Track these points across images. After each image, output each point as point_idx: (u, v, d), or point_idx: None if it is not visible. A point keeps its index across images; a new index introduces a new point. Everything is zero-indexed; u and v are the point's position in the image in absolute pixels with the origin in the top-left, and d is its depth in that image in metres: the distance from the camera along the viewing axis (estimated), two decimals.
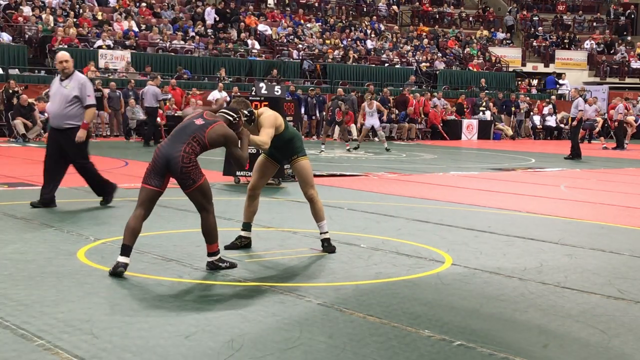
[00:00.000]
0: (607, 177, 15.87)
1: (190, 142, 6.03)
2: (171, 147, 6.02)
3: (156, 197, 6.10)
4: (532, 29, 43.22)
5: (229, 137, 6.20)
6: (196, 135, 6.07)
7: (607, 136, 28.76)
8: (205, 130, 6.10)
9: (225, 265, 6.22)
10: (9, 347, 4.24)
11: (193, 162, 6.01)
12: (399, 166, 16.91)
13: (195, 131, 6.09)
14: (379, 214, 9.47)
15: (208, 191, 6.13)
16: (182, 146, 6.00)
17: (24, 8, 27.76)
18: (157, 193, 6.09)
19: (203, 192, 6.09)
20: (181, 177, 6.00)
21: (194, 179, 6.01)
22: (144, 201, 6.08)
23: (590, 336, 4.73)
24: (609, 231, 8.79)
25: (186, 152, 5.98)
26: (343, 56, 32.47)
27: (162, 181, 6.05)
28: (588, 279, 6.28)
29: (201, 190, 6.07)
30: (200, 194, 6.08)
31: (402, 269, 6.49)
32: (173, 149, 6.00)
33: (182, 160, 5.95)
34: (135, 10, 30.51)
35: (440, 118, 29.26)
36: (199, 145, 6.08)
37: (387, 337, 4.61)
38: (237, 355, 4.21)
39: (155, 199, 6.11)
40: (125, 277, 5.91)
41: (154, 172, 6.04)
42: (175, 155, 5.96)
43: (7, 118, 21.74)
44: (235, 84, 27.43)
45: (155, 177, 6.04)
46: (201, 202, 6.12)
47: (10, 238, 7.33)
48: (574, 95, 23.71)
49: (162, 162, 6.00)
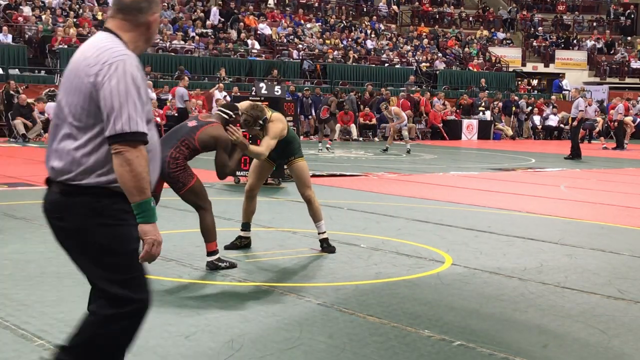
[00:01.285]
0: (607, 177, 15.87)
1: (179, 147, 6.02)
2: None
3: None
4: (532, 29, 43.23)
5: (219, 140, 6.10)
6: (185, 138, 6.06)
7: (607, 136, 28.76)
8: (196, 133, 6.09)
9: (225, 265, 6.23)
10: (9, 347, 4.24)
11: (180, 166, 6.00)
12: (399, 166, 16.91)
13: (185, 134, 6.09)
14: (379, 214, 9.47)
15: (201, 191, 6.12)
16: (169, 151, 6.00)
17: (24, 8, 27.76)
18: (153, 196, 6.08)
19: (195, 193, 6.10)
20: (170, 181, 6.03)
21: (183, 182, 6.02)
22: None
23: (590, 336, 4.73)
24: (609, 231, 8.79)
25: (172, 157, 5.97)
26: (343, 56, 32.47)
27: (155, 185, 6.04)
28: (588, 279, 6.28)
29: (193, 191, 6.08)
30: (193, 195, 6.09)
31: (402, 269, 6.49)
32: (161, 153, 5.99)
33: (168, 165, 5.95)
34: None
35: (440, 118, 29.26)
36: (188, 149, 6.06)
37: (387, 337, 4.61)
38: (237, 355, 4.21)
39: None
40: None
41: None
42: (162, 160, 5.95)
43: (7, 118, 21.73)
44: (235, 84, 27.41)
45: None
46: (195, 202, 6.13)
47: (10, 238, 7.33)
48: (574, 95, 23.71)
49: None
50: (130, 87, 2.88)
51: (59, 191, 2.95)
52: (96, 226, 2.92)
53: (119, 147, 2.85)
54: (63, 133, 2.95)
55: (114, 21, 3.08)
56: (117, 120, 2.84)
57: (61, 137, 2.96)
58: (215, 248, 6.21)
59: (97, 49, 2.95)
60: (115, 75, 2.86)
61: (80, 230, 2.93)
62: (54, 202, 2.98)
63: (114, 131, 2.84)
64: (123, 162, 2.85)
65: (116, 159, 2.86)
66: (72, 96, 2.94)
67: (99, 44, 2.97)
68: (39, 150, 18.10)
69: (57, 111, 3.03)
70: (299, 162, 7.07)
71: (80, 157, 2.91)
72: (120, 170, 2.86)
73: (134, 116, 2.86)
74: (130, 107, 2.86)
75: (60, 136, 2.96)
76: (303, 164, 7.09)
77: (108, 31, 3.06)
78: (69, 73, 3.00)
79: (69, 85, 2.97)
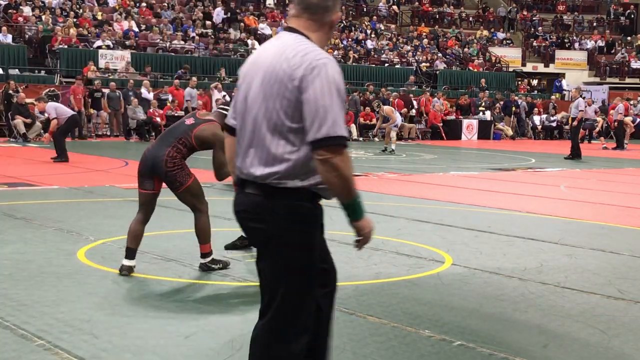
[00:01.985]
0: (607, 177, 15.87)
1: (176, 145, 5.99)
2: (156, 150, 6.00)
3: (153, 199, 6.10)
4: (532, 29, 43.23)
5: (216, 138, 6.00)
6: (182, 137, 6.03)
7: (607, 136, 28.77)
8: (193, 130, 6.06)
9: (218, 266, 6.21)
10: (9, 347, 4.24)
11: (178, 165, 5.97)
12: (399, 166, 16.90)
13: (182, 132, 6.06)
14: (379, 214, 9.47)
15: (198, 191, 6.10)
16: (166, 149, 5.96)
17: (24, 8, 27.76)
18: (153, 195, 6.08)
19: (192, 193, 6.07)
20: (167, 180, 6.00)
21: (180, 182, 5.99)
22: (142, 205, 6.10)
23: (590, 336, 4.73)
24: (609, 231, 8.79)
25: (169, 156, 5.94)
26: (343, 56, 32.47)
27: (153, 184, 6.04)
28: (588, 279, 6.28)
29: (190, 191, 6.05)
30: (190, 194, 6.07)
31: (402, 269, 6.49)
32: (158, 152, 5.98)
33: (165, 164, 5.92)
34: (135, 10, 30.52)
35: (440, 118, 29.26)
36: (185, 147, 6.02)
37: (387, 337, 4.61)
38: (237, 355, 4.21)
39: (152, 201, 6.11)
40: (126, 277, 5.91)
41: (143, 175, 6.04)
42: (159, 159, 5.94)
43: (7, 118, 21.73)
44: (235, 84, 27.40)
45: (145, 181, 6.03)
46: (192, 202, 6.11)
47: (10, 238, 7.33)
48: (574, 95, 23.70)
49: (148, 165, 6.00)
50: (334, 91, 2.83)
51: (261, 193, 2.92)
52: (296, 232, 2.93)
53: (324, 154, 2.80)
54: (263, 137, 2.91)
55: (299, 21, 3.02)
56: (323, 124, 2.80)
57: (261, 140, 2.91)
58: (209, 250, 6.20)
59: (297, 51, 2.88)
60: (319, 79, 2.81)
61: (282, 233, 2.93)
62: (253, 204, 2.95)
63: (319, 135, 2.80)
64: (330, 168, 2.82)
65: (322, 165, 2.82)
66: (273, 101, 2.88)
67: (298, 47, 2.90)
68: (39, 150, 18.10)
69: (255, 114, 2.94)
70: None
71: (283, 160, 2.88)
72: (328, 176, 2.83)
73: (338, 120, 2.83)
74: (335, 111, 2.82)
75: (259, 139, 2.92)
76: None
77: (294, 31, 2.99)
78: (266, 77, 2.91)
79: (268, 89, 2.89)
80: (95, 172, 13.76)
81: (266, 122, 2.90)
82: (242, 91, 3.05)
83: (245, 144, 3.00)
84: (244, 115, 3.01)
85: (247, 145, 2.98)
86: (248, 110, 2.99)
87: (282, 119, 2.87)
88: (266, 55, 2.97)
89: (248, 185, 2.97)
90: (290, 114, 2.85)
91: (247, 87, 3.01)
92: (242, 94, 3.04)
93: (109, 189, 11.24)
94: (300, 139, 2.87)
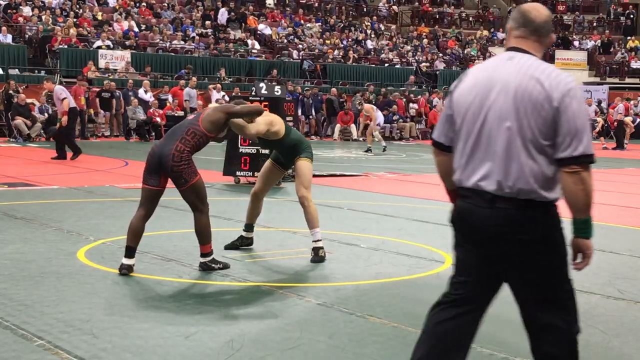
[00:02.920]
0: (607, 177, 15.86)
1: (184, 137, 6.00)
2: (164, 146, 6.02)
3: (156, 196, 6.10)
4: None
5: (224, 108, 6.25)
6: (190, 128, 6.05)
7: (607, 136, 28.78)
8: (199, 119, 6.11)
9: (218, 266, 6.21)
10: (9, 347, 4.24)
11: (185, 160, 5.97)
12: (399, 166, 16.91)
13: (188, 125, 6.09)
14: (379, 214, 9.47)
15: (201, 191, 6.10)
16: (174, 144, 5.98)
17: (24, 8, 27.75)
18: (157, 192, 6.08)
19: (196, 192, 6.06)
20: (173, 175, 5.99)
21: (186, 179, 5.99)
22: (145, 201, 6.09)
23: (590, 336, 4.72)
24: (609, 231, 8.78)
25: (177, 150, 5.95)
26: (343, 56, 32.47)
27: (159, 180, 6.05)
28: (588, 279, 6.28)
29: (194, 189, 6.05)
30: (193, 193, 6.06)
31: (402, 269, 6.49)
32: (165, 148, 6.00)
33: (172, 159, 5.93)
34: (135, 10, 30.52)
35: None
36: (195, 137, 6.01)
37: (387, 337, 4.61)
38: (237, 355, 4.21)
39: (155, 198, 6.11)
40: (126, 277, 5.91)
41: (149, 171, 6.05)
42: (166, 154, 5.95)
43: (7, 118, 21.74)
44: (235, 84, 27.42)
45: (151, 177, 6.04)
46: (194, 201, 6.10)
47: (10, 238, 7.33)
48: None
49: (156, 161, 6.01)
50: (584, 112, 3.06)
51: (514, 207, 3.07)
52: (558, 233, 3.13)
53: (576, 168, 3.03)
54: (517, 153, 3.04)
55: (527, 42, 3.17)
56: (579, 143, 3.01)
57: (515, 156, 3.04)
58: (209, 250, 6.19)
59: (546, 73, 3.03)
60: (575, 101, 3.02)
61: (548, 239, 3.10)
62: (508, 218, 3.08)
63: (576, 153, 3.01)
64: (578, 181, 3.03)
65: (571, 177, 3.03)
66: (527, 119, 3.02)
67: (545, 69, 3.05)
68: (39, 150, 18.11)
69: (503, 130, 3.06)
70: (303, 160, 6.88)
71: (539, 174, 3.04)
72: (574, 188, 3.03)
73: (590, 140, 3.06)
74: (588, 131, 3.05)
75: (511, 155, 3.05)
76: (306, 164, 6.90)
77: (524, 52, 3.14)
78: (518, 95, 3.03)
79: (522, 108, 3.02)
80: (95, 172, 13.75)
81: (520, 139, 3.05)
82: (471, 106, 3.15)
83: (479, 157, 3.12)
84: (481, 129, 3.11)
85: (482, 158, 3.11)
86: (486, 124, 3.11)
87: (537, 136, 3.03)
88: (504, 73, 3.10)
89: (498, 200, 3.09)
90: (544, 132, 3.02)
91: (480, 103, 3.12)
92: (472, 109, 3.14)
93: (109, 189, 11.24)
94: (550, 155, 3.05)
